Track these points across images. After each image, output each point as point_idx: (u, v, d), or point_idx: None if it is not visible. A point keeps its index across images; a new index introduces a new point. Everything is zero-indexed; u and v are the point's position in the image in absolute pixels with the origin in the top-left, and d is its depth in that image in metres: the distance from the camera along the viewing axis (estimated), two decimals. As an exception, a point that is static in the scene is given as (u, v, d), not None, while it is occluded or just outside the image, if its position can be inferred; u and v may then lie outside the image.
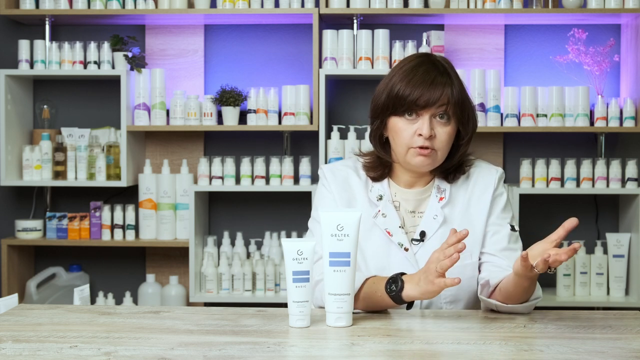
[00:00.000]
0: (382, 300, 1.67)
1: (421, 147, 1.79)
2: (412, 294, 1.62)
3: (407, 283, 1.63)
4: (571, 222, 1.56)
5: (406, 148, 1.82)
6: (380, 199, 1.89)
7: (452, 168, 1.89)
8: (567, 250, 1.51)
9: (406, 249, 1.85)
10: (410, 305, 1.70)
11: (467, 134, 1.85)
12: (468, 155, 1.93)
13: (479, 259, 1.86)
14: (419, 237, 1.86)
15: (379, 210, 1.88)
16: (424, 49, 3.43)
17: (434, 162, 1.83)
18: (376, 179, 1.91)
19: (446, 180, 1.90)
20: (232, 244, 3.64)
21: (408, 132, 1.81)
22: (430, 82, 1.79)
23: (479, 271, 1.86)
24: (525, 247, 1.86)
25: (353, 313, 1.63)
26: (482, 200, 1.89)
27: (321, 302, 1.80)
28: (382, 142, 1.90)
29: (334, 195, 1.91)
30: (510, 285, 1.67)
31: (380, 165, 1.92)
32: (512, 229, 1.88)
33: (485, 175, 1.91)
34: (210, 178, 3.48)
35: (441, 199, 1.88)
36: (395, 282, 1.65)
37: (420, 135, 1.79)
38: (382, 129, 1.88)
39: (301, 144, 3.67)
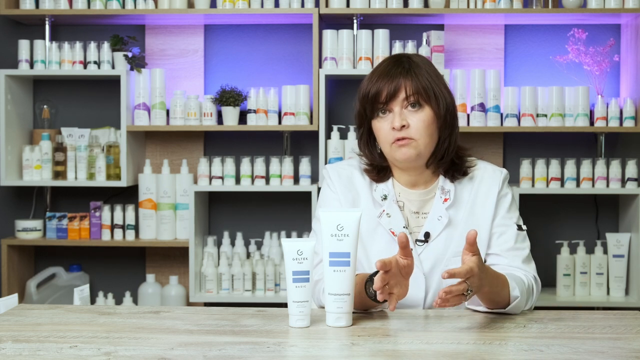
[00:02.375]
0: (368, 301, 1.66)
1: (398, 140, 1.81)
2: None
3: None
4: (470, 234, 1.56)
5: (388, 145, 1.84)
6: (385, 198, 1.89)
7: (445, 157, 1.87)
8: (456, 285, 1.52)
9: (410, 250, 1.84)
10: None
11: (441, 116, 1.84)
12: (466, 152, 1.93)
13: (485, 261, 1.85)
14: (423, 238, 1.86)
15: (384, 210, 1.87)
16: (423, 48, 3.43)
17: (417, 152, 1.82)
18: (378, 180, 1.91)
19: (449, 180, 1.90)
20: (232, 244, 3.64)
21: (385, 130, 1.83)
22: (387, 75, 1.82)
23: None
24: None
25: (352, 313, 1.62)
26: (487, 201, 1.88)
27: (320, 301, 1.80)
28: (373, 147, 1.91)
29: (339, 195, 1.91)
30: (479, 295, 1.67)
31: (374, 170, 1.92)
32: (519, 228, 1.88)
33: (489, 177, 1.91)
34: (210, 178, 3.48)
35: (445, 200, 1.88)
36: (372, 284, 1.64)
37: (394, 128, 1.80)
38: (369, 136, 1.89)
39: (301, 144, 3.67)
